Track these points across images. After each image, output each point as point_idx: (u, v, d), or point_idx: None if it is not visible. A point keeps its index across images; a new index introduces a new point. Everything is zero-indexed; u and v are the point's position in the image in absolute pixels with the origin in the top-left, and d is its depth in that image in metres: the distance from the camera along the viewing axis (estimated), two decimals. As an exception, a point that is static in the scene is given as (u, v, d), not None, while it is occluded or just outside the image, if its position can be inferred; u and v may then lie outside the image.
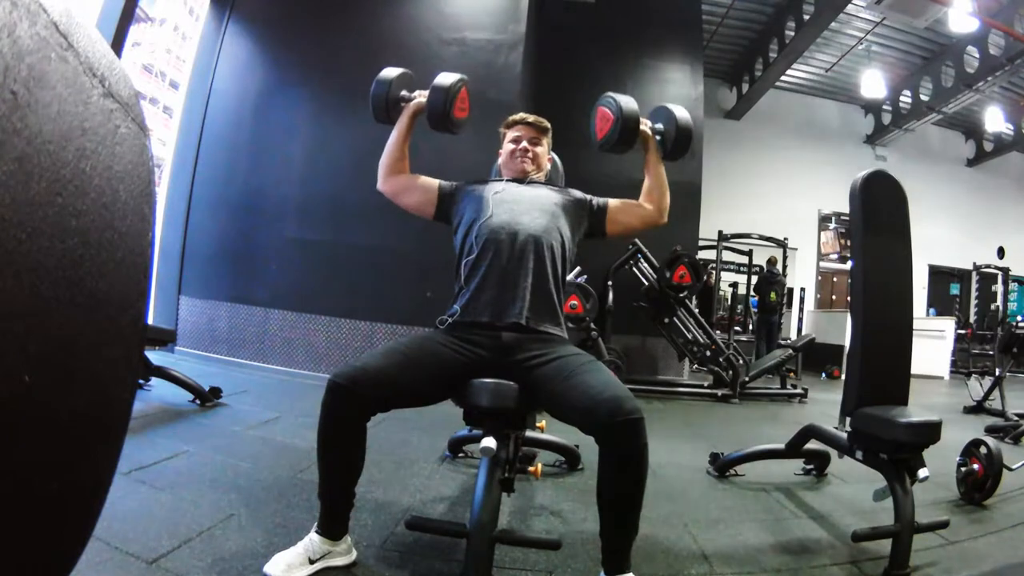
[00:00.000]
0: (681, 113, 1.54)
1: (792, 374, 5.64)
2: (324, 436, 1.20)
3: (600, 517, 1.17)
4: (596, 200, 1.59)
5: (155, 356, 2.91)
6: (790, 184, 9.58)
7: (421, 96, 1.59)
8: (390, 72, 1.59)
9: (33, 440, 0.47)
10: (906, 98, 9.03)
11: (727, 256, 7.44)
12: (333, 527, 1.23)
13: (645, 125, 1.55)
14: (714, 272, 7.12)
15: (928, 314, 9.10)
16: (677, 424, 3.42)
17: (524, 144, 1.60)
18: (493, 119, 1.74)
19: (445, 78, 1.54)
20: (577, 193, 1.61)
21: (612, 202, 1.59)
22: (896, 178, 1.78)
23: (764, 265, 7.25)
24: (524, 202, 1.50)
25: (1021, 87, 8.32)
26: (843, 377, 3.45)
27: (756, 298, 7.35)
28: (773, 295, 7.04)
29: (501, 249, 1.40)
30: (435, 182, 1.60)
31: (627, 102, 1.49)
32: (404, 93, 1.61)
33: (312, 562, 1.19)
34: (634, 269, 4.79)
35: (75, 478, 0.56)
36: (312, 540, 1.21)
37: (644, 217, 1.56)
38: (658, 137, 1.57)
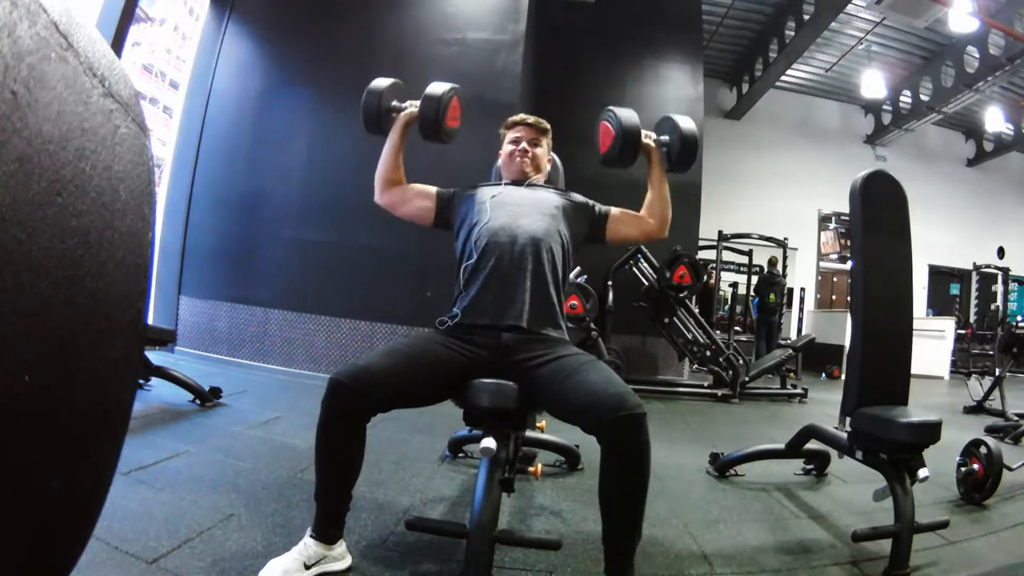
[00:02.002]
0: (686, 123, 1.50)
1: (792, 374, 5.64)
2: (324, 435, 1.19)
3: (603, 519, 1.15)
4: (599, 207, 1.59)
5: (155, 356, 2.90)
6: (790, 184, 9.58)
7: (412, 106, 1.56)
8: (381, 82, 1.56)
9: (33, 440, 0.47)
10: (906, 98, 9.03)
11: (727, 256, 7.43)
12: (328, 530, 1.22)
13: (648, 138, 1.52)
14: (714, 272, 7.11)
15: (927, 315, 9.10)
16: (677, 424, 3.42)
17: (524, 145, 1.60)
18: (493, 120, 1.74)
19: (436, 87, 1.52)
20: (579, 197, 1.60)
21: (614, 211, 1.59)
22: (896, 178, 1.78)
23: (765, 266, 7.25)
24: (523, 205, 1.49)
25: (1021, 87, 8.32)
26: (843, 377, 3.45)
27: (757, 299, 7.36)
28: (773, 296, 7.04)
29: (501, 253, 1.40)
30: (433, 189, 1.59)
31: (627, 116, 1.47)
32: (395, 103, 1.59)
33: (308, 567, 1.17)
34: (634, 269, 4.79)
35: (75, 478, 0.56)
36: (307, 544, 1.20)
37: (645, 230, 1.56)
38: (664, 149, 1.53)
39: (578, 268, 4.28)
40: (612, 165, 1.52)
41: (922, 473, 1.51)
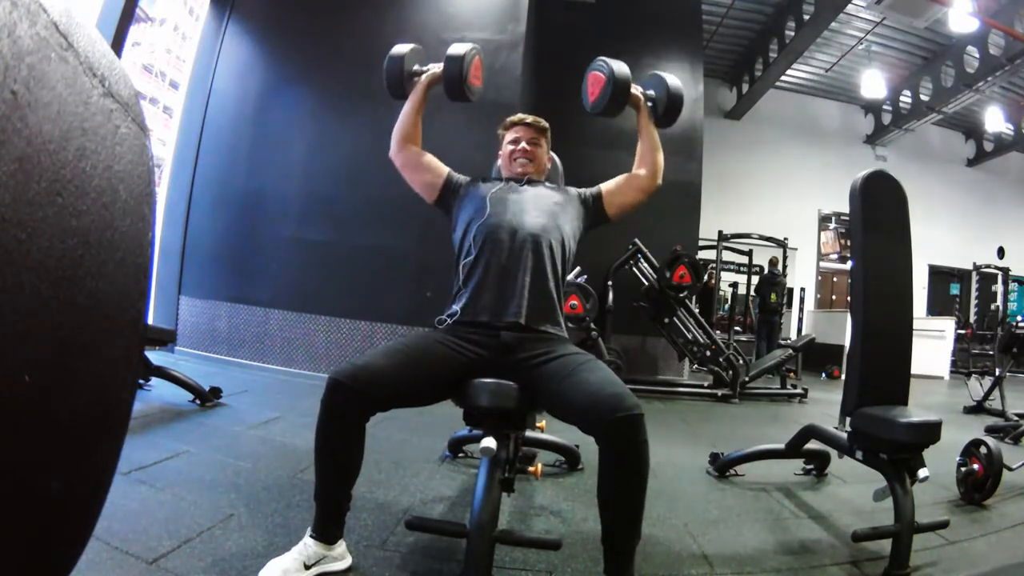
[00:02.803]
0: (673, 80, 1.57)
1: (792, 374, 5.64)
2: (323, 435, 1.19)
3: (602, 520, 1.15)
4: (587, 192, 1.60)
5: (155, 356, 2.91)
6: (790, 184, 9.58)
7: (435, 68, 1.61)
8: (402, 47, 1.61)
9: (33, 440, 0.47)
10: (906, 98, 9.03)
11: (727, 256, 7.43)
12: (328, 530, 1.22)
13: (637, 89, 1.57)
14: (714, 272, 7.12)
15: (927, 315, 9.10)
16: (677, 424, 3.42)
17: (523, 144, 1.60)
18: (493, 119, 1.74)
19: (458, 48, 1.57)
20: (573, 190, 1.62)
21: (605, 186, 1.60)
22: (896, 178, 1.78)
23: (766, 266, 7.26)
24: (522, 202, 1.50)
25: (1021, 87, 8.32)
26: (843, 377, 3.45)
27: (759, 299, 7.36)
28: (774, 296, 7.04)
29: (499, 249, 1.40)
30: (445, 169, 1.61)
31: (619, 65, 1.52)
32: (417, 67, 1.63)
33: (308, 567, 1.17)
34: (634, 269, 4.79)
35: (75, 478, 0.56)
36: (307, 545, 1.19)
37: (640, 186, 1.57)
38: (650, 104, 1.59)
39: (578, 268, 4.28)
40: (599, 113, 1.57)
41: (922, 473, 1.51)
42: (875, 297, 1.70)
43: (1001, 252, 9.53)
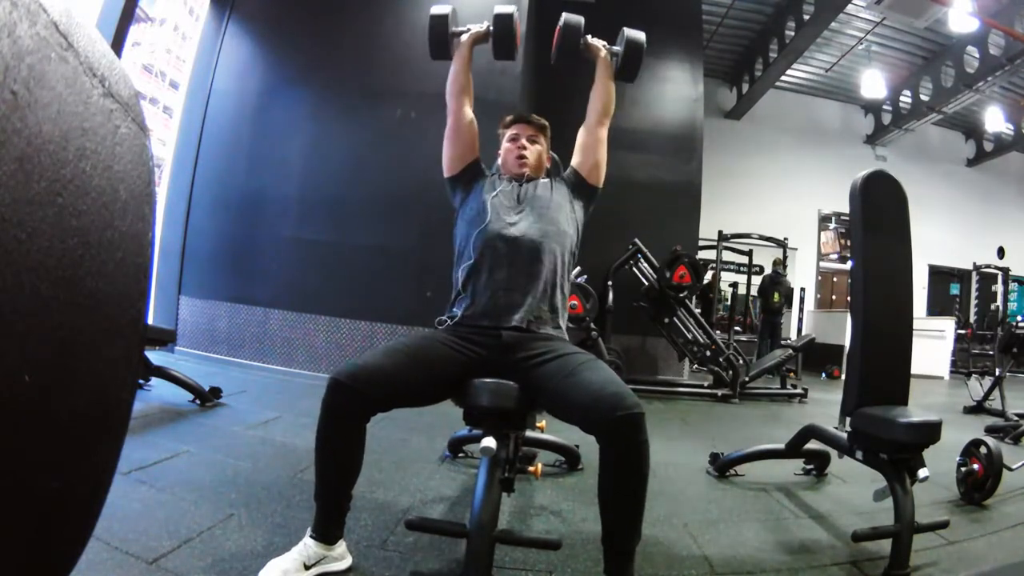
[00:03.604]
0: (633, 32, 1.61)
1: (792, 374, 5.64)
2: (324, 435, 1.19)
3: (602, 520, 1.15)
4: (567, 173, 1.63)
5: (155, 356, 2.90)
6: (790, 184, 9.58)
7: (477, 28, 1.66)
8: (443, 8, 1.65)
9: (33, 440, 0.47)
10: (906, 98, 9.03)
11: (727, 256, 7.43)
12: (329, 531, 1.21)
13: (597, 42, 1.64)
14: (714, 272, 7.12)
15: (927, 315, 9.10)
16: (677, 424, 3.42)
17: (522, 141, 1.60)
18: (493, 119, 1.74)
19: (505, 7, 1.63)
20: (563, 177, 1.64)
21: (574, 159, 1.63)
22: (896, 178, 1.78)
23: (770, 266, 7.27)
24: (522, 205, 1.49)
25: (1021, 87, 8.32)
26: (843, 377, 3.45)
27: (761, 299, 7.37)
28: (777, 296, 7.05)
29: (499, 255, 1.40)
30: (477, 152, 1.62)
31: (572, 16, 1.60)
32: (457, 28, 1.68)
33: (308, 568, 1.17)
34: (634, 269, 4.79)
35: (75, 478, 0.56)
36: (307, 545, 1.19)
37: (590, 133, 1.60)
38: (614, 58, 1.64)
39: (578, 268, 4.28)
40: (558, 62, 1.65)
41: (922, 473, 1.51)
42: (875, 297, 1.69)
43: (1001, 252, 9.53)
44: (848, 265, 4.05)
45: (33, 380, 0.44)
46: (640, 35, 1.61)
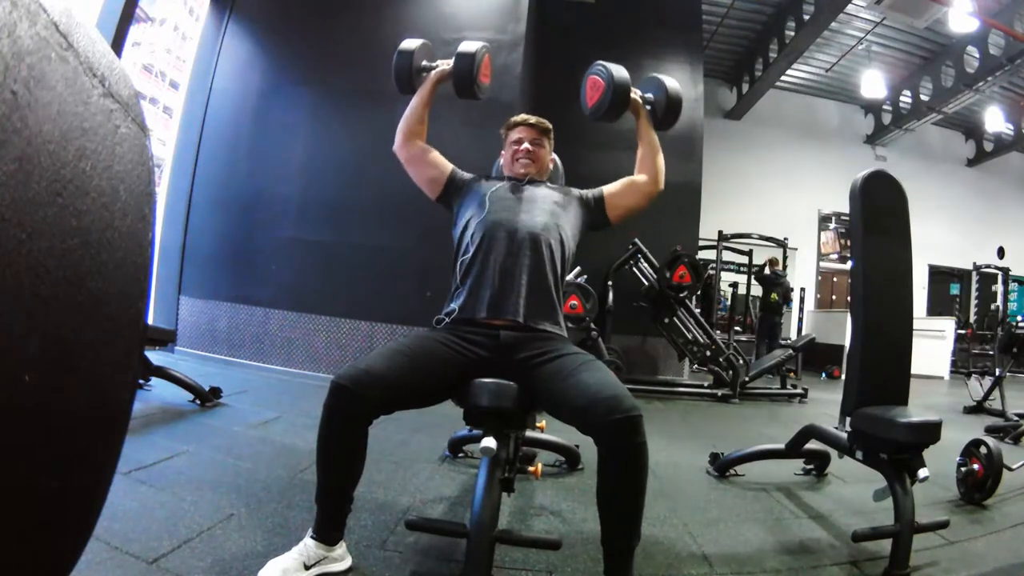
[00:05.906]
0: (671, 83, 1.58)
1: (792, 374, 5.64)
2: (325, 438, 1.19)
3: (601, 521, 1.15)
4: (590, 193, 1.60)
5: (155, 356, 2.90)
6: (790, 184, 9.58)
7: (444, 64, 1.61)
8: (411, 43, 1.61)
9: (33, 440, 0.47)
10: (906, 98, 9.03)
11: (727, 256, 7.43)
12: (329, 532, 1.21)
13: (635, 94, 1.58)
14: (714, 272, 7.12)
15: (927, 316, 9.10)
16: (677, 424, 3.42)
17: (526, 145, 1.61)
18: (493, 119, 1.75)
19: (469, 46, 1.58)
20: (575, 191, 1.62)
21: (608, 189, 1.60)
22: (896, 178, 1.78)
23: (767, 265, 7.25)
24: (523, 201, 1.50)
25: (1021, 87, 8.32)
26: (843, 377, 3.45)
27: (761, 299, 7.36)
28: (775, 296, 7.04)
29: (498, 246, 1.40)
30: (448, 166, 1.61)
31: (618, 70, 1.53)
32: (425, 63, 1.63)
33: (308, 568, 1.17)
34: (634, 269, 4.79)
35: (75, 478, 0.56)
36: (307, 545, 1.19)
37: (641, 191, 1.58)
38: (648, 107, 1.60)
39: (578, 268, 4.28)
40: (600, 118, 1.58)
41: (922, 473, 1.50)
42: (875, 297, 1.70)
43: (1001, 252, 9.52)
44: (848, 265, 4.05)
45: (33, 380, 0.44)
46: (676, 84, 1.59)
